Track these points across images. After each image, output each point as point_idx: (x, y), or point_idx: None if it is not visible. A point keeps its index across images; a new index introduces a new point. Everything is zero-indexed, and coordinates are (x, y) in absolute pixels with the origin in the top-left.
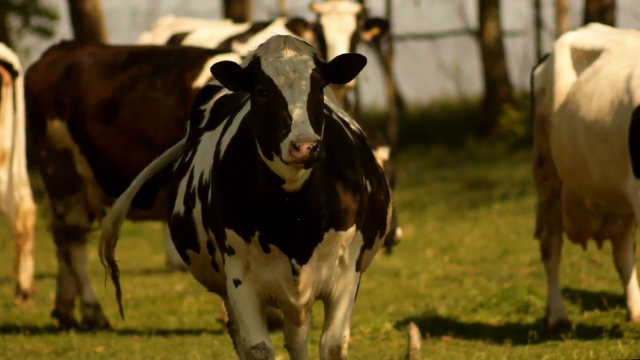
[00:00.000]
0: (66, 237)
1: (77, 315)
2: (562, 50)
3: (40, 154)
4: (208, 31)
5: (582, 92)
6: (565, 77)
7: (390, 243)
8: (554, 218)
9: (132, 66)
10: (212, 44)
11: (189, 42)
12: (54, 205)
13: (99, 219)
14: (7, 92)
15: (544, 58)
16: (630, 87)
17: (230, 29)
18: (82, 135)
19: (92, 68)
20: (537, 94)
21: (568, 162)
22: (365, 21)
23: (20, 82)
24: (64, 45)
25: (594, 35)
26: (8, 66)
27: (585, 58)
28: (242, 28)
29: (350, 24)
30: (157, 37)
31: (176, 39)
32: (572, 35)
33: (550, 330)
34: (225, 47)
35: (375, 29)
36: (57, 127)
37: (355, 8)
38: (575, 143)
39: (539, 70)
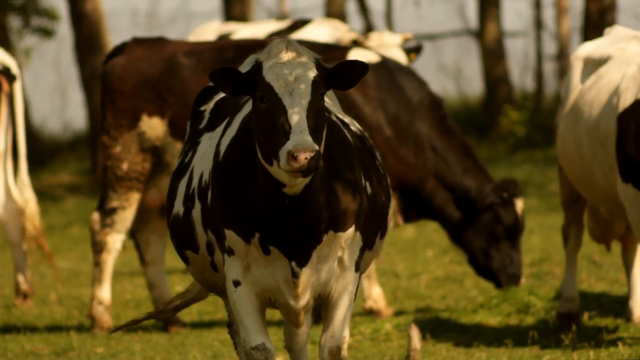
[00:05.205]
0: (107, 228)
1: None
2: (576, 64)
3: (113, 149)
4: (251, 30)
5: (584, 100)
6: (577, 90)
7: (508, 284)
8: (574, 216)
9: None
10: None
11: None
12: (111, 198)
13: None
14: (3, 96)
15: None
16: (619, 89)
17: (272, 25)
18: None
19: (197, 64)
20: (560, 104)
21: (577, 170)
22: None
23: (18, 86)
24: (140, 42)
25: (610, 42)
26: (5, 70)
27: (595, 67)
28: (282, 25)
29: (399, 57)
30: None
31: (222, 39)
32: (587, 46)
33: (550, 329)
34: None
35: (412, 54)
36: (154, 124)
37: (398, 38)
38: (580, 151)
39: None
